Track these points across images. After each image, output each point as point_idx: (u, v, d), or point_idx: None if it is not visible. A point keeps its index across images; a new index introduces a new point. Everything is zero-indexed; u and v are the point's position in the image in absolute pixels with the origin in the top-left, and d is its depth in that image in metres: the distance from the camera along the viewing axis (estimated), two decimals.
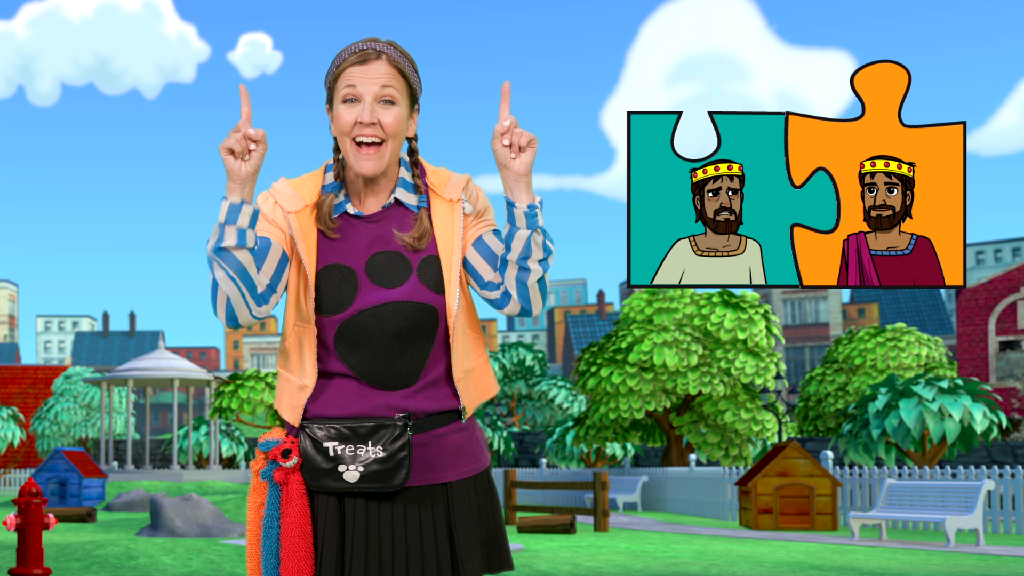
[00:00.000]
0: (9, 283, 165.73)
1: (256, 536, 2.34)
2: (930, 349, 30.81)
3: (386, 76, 2.28)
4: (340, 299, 2.29)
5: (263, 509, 2.34)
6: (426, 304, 2.30)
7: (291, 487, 2.30)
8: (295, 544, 2.28)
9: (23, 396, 53.06)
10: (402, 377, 2.31)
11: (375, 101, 2.28)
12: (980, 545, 14.20)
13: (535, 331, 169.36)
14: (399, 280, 2.31)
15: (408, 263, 2.32)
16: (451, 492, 2.36)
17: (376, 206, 2.36)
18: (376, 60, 2.29)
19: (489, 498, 2.44)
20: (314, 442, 2.29)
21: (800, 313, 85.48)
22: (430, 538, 2.32)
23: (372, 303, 2.29)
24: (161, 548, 11.90)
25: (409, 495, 2.33)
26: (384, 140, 2.28)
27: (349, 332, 2.30)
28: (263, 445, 2.34)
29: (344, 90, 2.29)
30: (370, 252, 2.32)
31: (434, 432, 2.35)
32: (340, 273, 2.31)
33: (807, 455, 18.30)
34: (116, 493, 30.65)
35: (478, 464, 2.42)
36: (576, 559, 11.41)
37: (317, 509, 2.32)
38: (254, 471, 2.35)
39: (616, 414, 26.42)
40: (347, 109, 2.28)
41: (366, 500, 2.31)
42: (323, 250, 2.33)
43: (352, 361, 2.31)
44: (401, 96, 2.30)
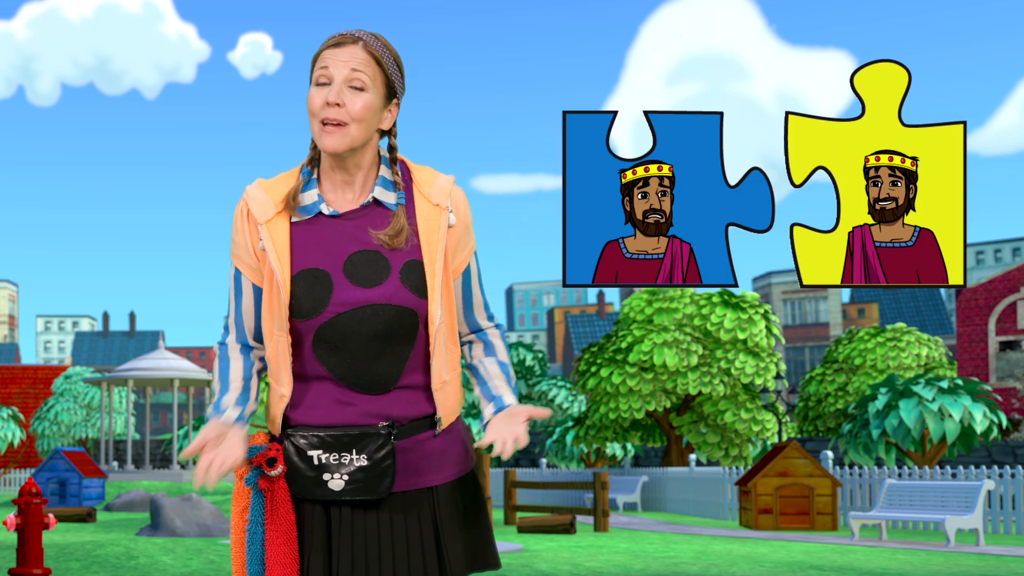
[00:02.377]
0: (9, 283, 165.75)
1: (240, 540, 2.33)
2: (930, 349, 30.81)
3: (359, 61, 2.26)
4: (315, 303, 2.26)
5: (247, 513, 2.32)
6: (406, 307, 2.27)
7: (276, 494, 2.29)
8: (280, 551, 2.27)
9: (23, 396, 53.07)
10: (380, 380, 2.29)
11: (344, 84, 2.25)
12: (980, 545, 14.19)
13: (535, 331, 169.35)
14: (378, 279, 2.27)
15: (388, 263, 2.29)
16: (437, 495, 2.35)
17: (353, 203, 2.33)
18: (351, 44, 2.27)
19: (475, 499, 2.43)
20: (298, 450, 2.28)
21: (800, 313, 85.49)
22: (416, 543, 2.31)
23: (351, 304, 2.26)
24: (161, 548, 11.90)
25: (395, 501, 2.32)
26: (348, 123, 2.25)
27: (327, 335, 2.27)
28: (247, 451, 2.32)
29: (317, 71, 2.27)
30: (347, 252, 2.29)
31: (417, 437, 2.33)
32: (313, 276, 2.27)
33: (807, 455, 18.30)
34: (116, 493, 30.64)
35: (463, 467, 2.41)
36: (576, 559, 11.41)
37: (303, 517, 2.31)
38: (238, 475, 2.34)
39: (616, 414, 26.42)
40: (318, 91, 2.27)
41: (352, 507, 2.30)
42: (297, 254, 2.30)
43: (331, 364, 2.29)
44: (373, 83, 2.27)
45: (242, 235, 2.33)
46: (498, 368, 2.44)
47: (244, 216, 2.33)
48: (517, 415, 2.33)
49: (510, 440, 2.28)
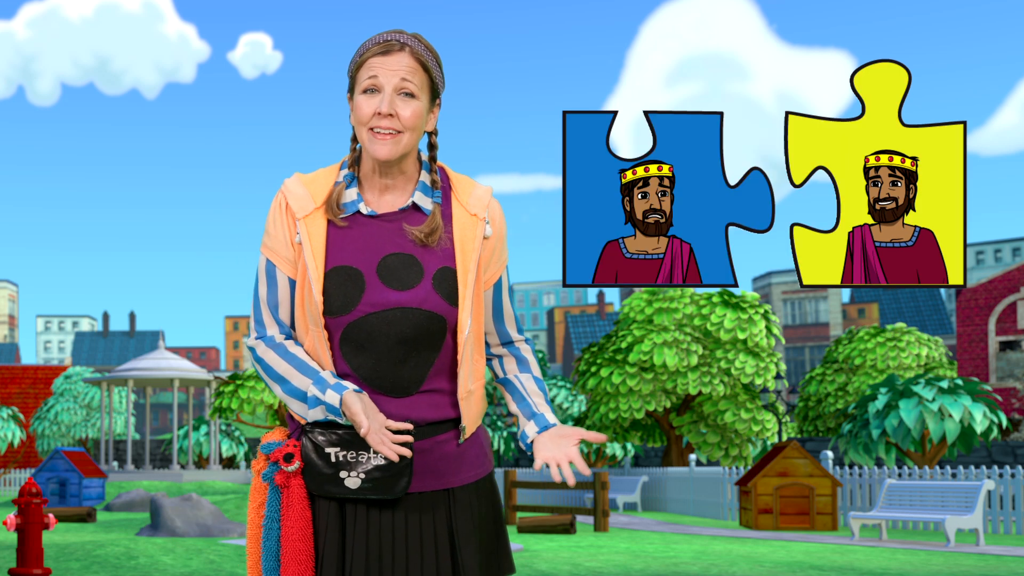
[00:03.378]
0: (9, 283, 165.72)
1: (256, 536, 2.33)
2: (930, 349, 30.81)
3: (408, 69, 2.26)
4: (345, 300, 2.26)
5: (263, 509, 2.33)
6: (435, 313, 2.27)
7: (292, 491, 2.29)
8: (295, 548, 2.27)
9: (23, 396, 53.06)
10: (404, 383, 2.29)
11: (395, 93, 2.26)
12: (980, 545, 14.19)
13: (535, 331, 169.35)
14: (411, 283, 2.27)
15: (421, 267, 2.28)
16: (454, 498, 2.35)
17: (392, 206, 2.33)
18: (399, 52, 2.26)
19: (491, 503, 2.42)
20: (316, 447, 2.28)
21: (800, 313, 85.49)
22: (431, 544, 2.30)
23: (381, 306, 2.26)
24: (161, 548, 11.90)
25: (411, 501, 2.31)
26: (401, 132, 2.26)
27: (354, 334, 2.27)
28: (265, 447, 2.33)
29: (366, 80, 2.26)
30: (382, 253, 2.29)
31: (436, 438, 2.33)
32: (346, 274, 2.28)
33: (807, 455, 18.30)
34: (116, 493, 30.65)
35: (481, 469, 2.40)
36: (576, 559, 11.41)
37: (318, 514, 2.30)
38: (255, 471, 2.34)
39: (616, 414, 26.42)
40: (367, 100, 2.26)
41: (367, 506, 2.29)
42: (332, 251, 2.30)
43: (356, 363, 2.28)
44: (421, 90, 2.28)
45: (280, 228, 2.32)
46: (535, 385, 2.43)
47: (283, 209, 2.33)
48: (568, 436, 2.31)
49: (564, 461, 2.26)
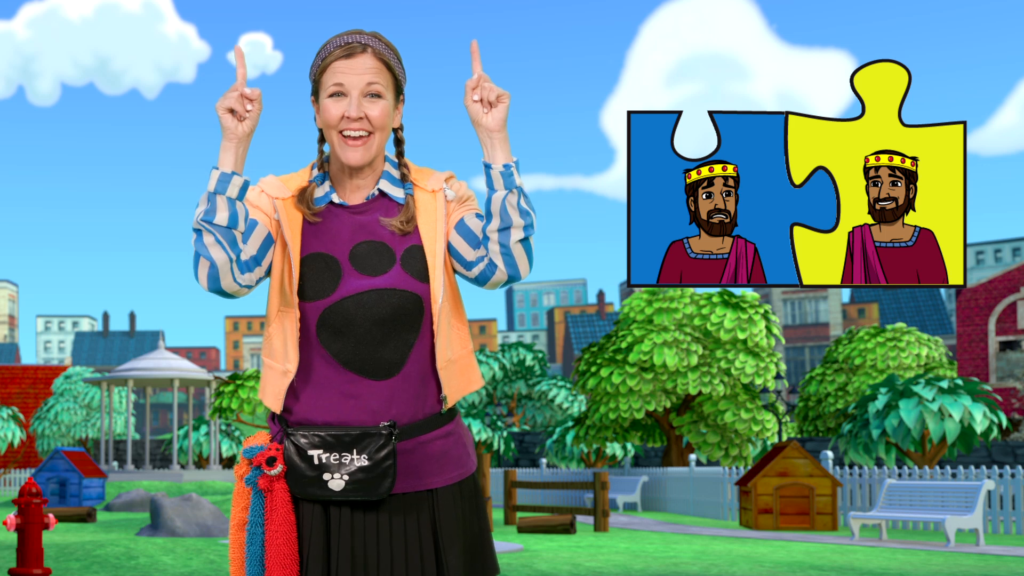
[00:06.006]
0: (9, 283, 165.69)
1: (238, 540, 2.33)
2: (930, 349, 30.80)
3: (372, 70, 2.30)
4: (322, 286, 2.30)
5: (246, 514, 2.33)
6: (410, 292, 2.30)
7: (276, 494, 2.29)
8: (280, 552, 2.26)
9: (23, 396, 53.05)
10: (385, 365, 2.30)
11: (361, 95, 2.30)
12: (980, 545, 14.19)
13: (535, 331, 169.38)
14: (382, 268, 2.31)
15: (391, 252, 2.33)
16: (437, 498, 2.36)
17: (360, 198, 2.38)
18: (362, 54, 2.30)
19: (475, 503, 2.43)
20: (298, 450, 2.28)
21: (800, 313, 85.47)
22: (415, 545, 2.31)
23: (355, 290, 2.29)
24: (161, 548, 11.90)
25: (394, 503, 2.33)
26: (371, 133, 2.31)
27: (331, 319, 2.29)
28: (247, 451, 2.32)
29: (332, 85, 2.31)
30: (354, 241, 2.34)
31: (419, 439, 2.34)
32: (323, 261, 2.32)
33: (807, 455, 18.30)
34: (116, 493, 30.66)
35: (464, 469, 2.41)
36: (576, 559, 11.41)
37: (302, 517, 2.31)
38: (238, 476, 2.35)
39: (616, 414, 26.42)
40: (334, 103, 2.31)
41: (351, 508, 2.30)
42: (307, 238, 2.34)
43: (335, 348, 2.30)
44: (387, 89, 2.33)
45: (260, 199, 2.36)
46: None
47: (259, 190, 2.38)
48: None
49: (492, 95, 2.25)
